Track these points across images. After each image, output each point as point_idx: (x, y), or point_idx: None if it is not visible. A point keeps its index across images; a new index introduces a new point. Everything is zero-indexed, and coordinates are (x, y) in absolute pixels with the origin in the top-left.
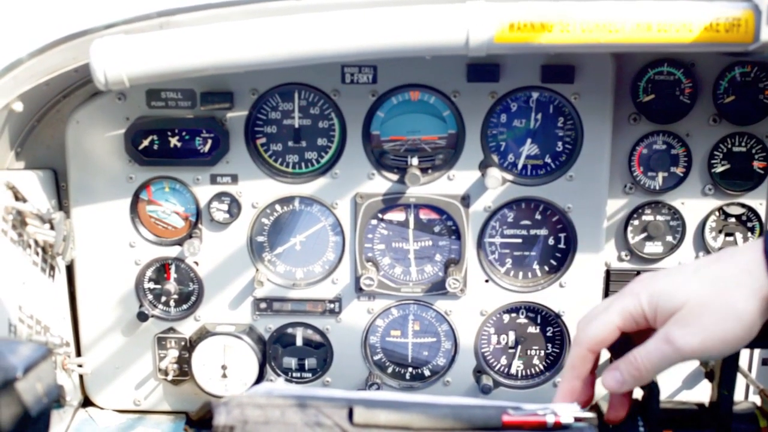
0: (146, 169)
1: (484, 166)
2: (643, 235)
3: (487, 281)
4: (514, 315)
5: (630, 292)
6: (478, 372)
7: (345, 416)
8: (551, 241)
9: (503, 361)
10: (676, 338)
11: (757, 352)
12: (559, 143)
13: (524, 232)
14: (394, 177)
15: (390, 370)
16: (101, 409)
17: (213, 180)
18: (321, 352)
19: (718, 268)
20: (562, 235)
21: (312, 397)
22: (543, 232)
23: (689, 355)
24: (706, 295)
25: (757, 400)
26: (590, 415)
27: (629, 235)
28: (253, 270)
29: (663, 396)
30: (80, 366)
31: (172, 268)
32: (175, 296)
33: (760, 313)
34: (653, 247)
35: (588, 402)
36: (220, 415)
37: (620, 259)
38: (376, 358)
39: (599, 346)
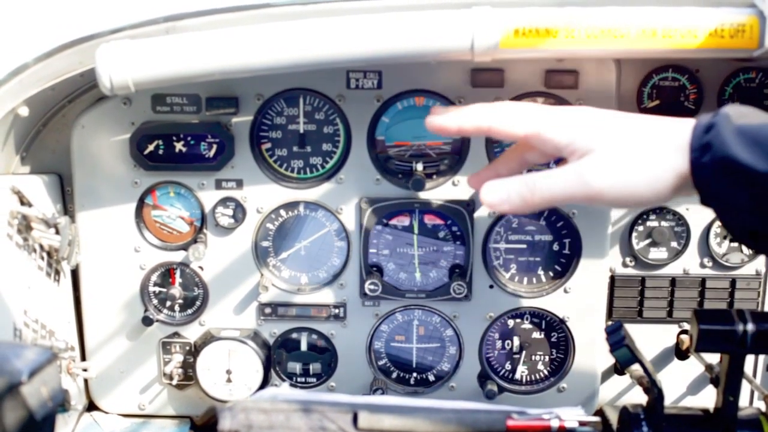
0: (151, 174)
1: None
2: (647, 241)
3: (491, 287)
4: (518, 320)
5: (558, 116)
6: (483, 377)
7: (350, 421)
8: (556, 247)
9: (508, 366)
10: (588, 174)
11: (762, 357)
12: None
13: (529, 238)
14: (399, 182)
15: (394, 375)
16: (106, 413)
17: (218, 185)
18: (326, 357)
19: (651, 134)
20: (566, 241)
21: (316, 402)
22: (547, 237)
23: (593, 196)
24: (631, 150)
25: (761, 405)
26: (595, 419)
27: (634, 241)
28: (257, 275)
29: (667, 401)
30: (85, 370)
31: (177, 272)
32: (180, 301)
33: (672, 188)
34: (658, 253)
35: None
36: (225, 420)
37: (625, 265)
38: (380, 363)
39: (495, 132)
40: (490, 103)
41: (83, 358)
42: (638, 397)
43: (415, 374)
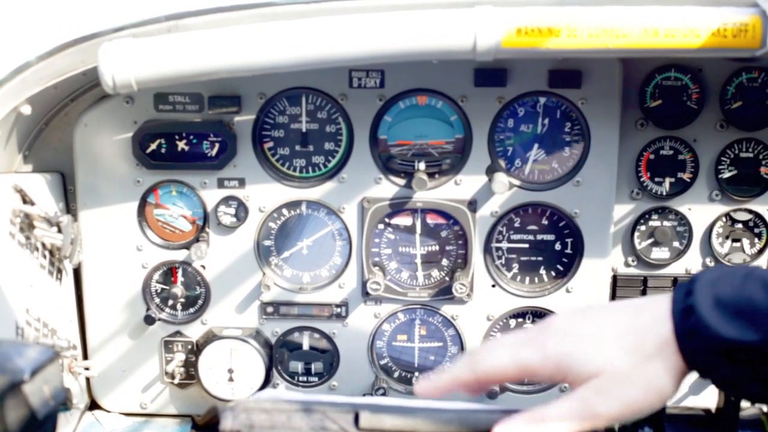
0: (154, 173)
1: (491, 171)
2: (649, 241)
3: (493, 286)
4: (520, 320)
5: (538, 347)
6: None
7: (351, 421)
8: (558, 247)
9: None
10: (596, 405)
11: None
12: (566, 148)
13: (531, 237)
14: (401, 181)
15: (396, 374)
16: (108, 412)
17: (220, 184)
18: (327, 357)
19: (636, 338)
20: (568, 241)
21: (318, 402)
22: (550, 237)
23: (606, 421)
24: (625, 367)
25: (763, 406)
26: None
27: (636, 241)
28: (260, 274)
29: (669, 402)
30: (87, 369)
31: (179, 271)
32: (182, 300)
33: (675, 386)
34: (660, 253)
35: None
36: (227, 420)
37: (627, 265)
38: (382, 362)
39: (485, 381)
40: (468, 356)
41: (85, 356)
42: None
43: (416, 374)
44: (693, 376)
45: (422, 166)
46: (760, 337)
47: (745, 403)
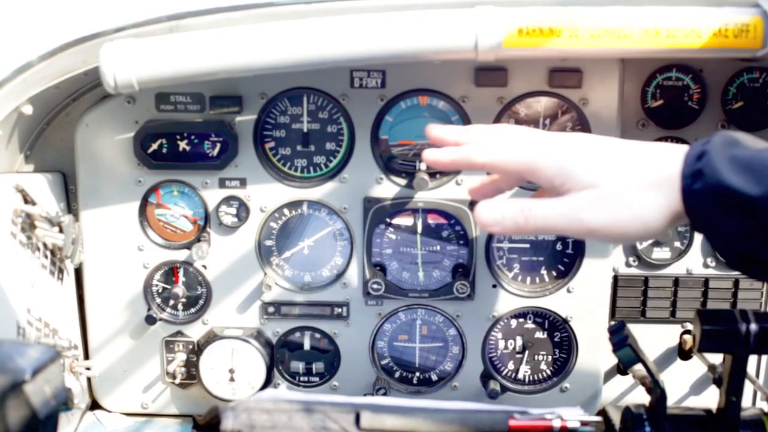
0: (155, 173)
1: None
2: (651, 241)
3: (494, 286)
4: (521, 320)
5: (549, 148)
6: (486, 377)
7: (352, 421)
8: (559, 247)
9: (510, 366)
10: (583, 210)
11: (765, 357)
12: None
13: (532, 237)
14: (403, 182)
15: (397, 374)
16: (109, 412)
17: (221, 184)
18: (328, 357)
19: (642, 168)
20: (569, 241)
21: (319, 402)
22: (551, 237)
23: (585, 233)
24: (622, 187)
25: (764, 406)
26: (597, 419)
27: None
28: (261, 274)
29: (670, 402)
30: (88, 369)
31: (181, 271)
32: (183, 300)
33: (665, 225)
34: (661, 253)
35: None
36: (228, 420)
37: (628, 265)
38: (383, 362)
39: (491, 167)
40: (488, 128)
41: (86, 356)
42: (641, 397)
43: (417, 374)
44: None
45: (423, 166)
46: (762, 191)
47: (745, 404)
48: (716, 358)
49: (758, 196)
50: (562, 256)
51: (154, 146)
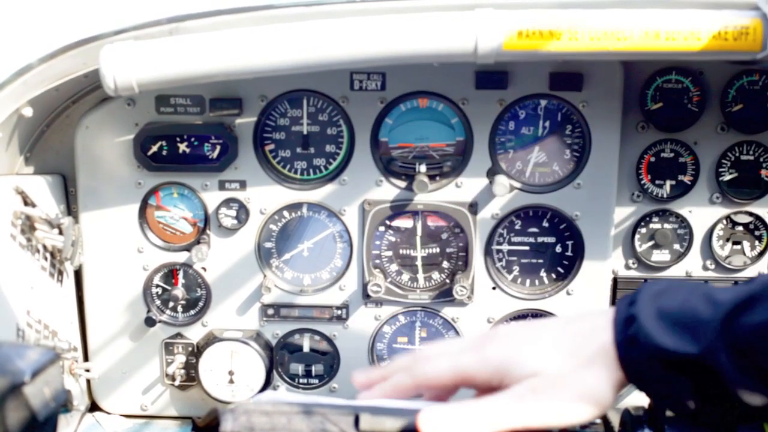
0: (155, 175)
1: (491, 174)
2: (650, 243)
3: (494, 288)
4: (521, 322)
5: (478, 351)
6: None
7: (351, 423)
8: (558, 249)
9: None
10: (528, 403)
11: None
12: (567, 151)
13: (532, 240)
14: (402, 184)
15: None
16: (108, 413)
17: (221, 186)
18: (328, 359)
19: (575, 346)
20: (569, 243)
21: (318, 404)
22: (550, 239)
23: (536, 423)
24: (562, 369)
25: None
26: (596, 420)
27: (636, 243)
28: (260, 276)
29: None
30: (87, 371)
31: (180, 273)
32: (183, 302)
33: (612, 395)
34: (660, 255)
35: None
36: (227, 422)
37: (627, 267)
38: (383, 364)
39: (424, 388)
40: (411, 353)
41: (86, 358)
42: (640, 399)
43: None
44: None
45: (423, 168)
46: (700, 349)
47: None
48: None
49: (696, 353)
50: (562, 258)
51: (154, 148)
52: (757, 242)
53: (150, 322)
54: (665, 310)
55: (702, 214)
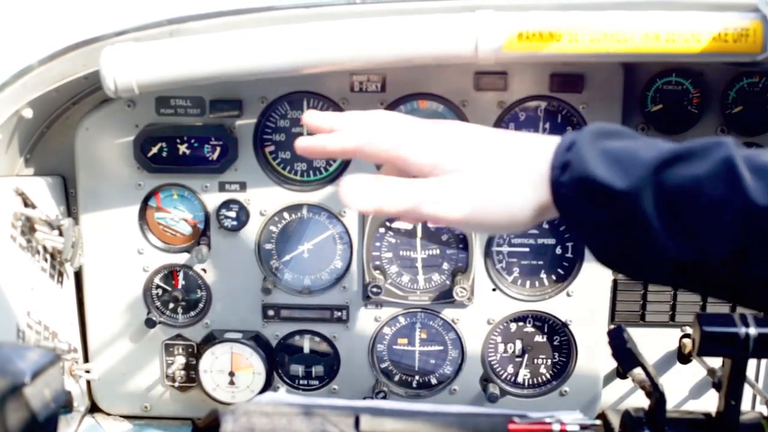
0: (155, 176)
1: None
2: None
3: (494, 290)
4: (521, 324)
5: (418, 138)
6: (485, 380)
7: (351, 424)
8: (559, 251)
9: (510, 369)
10: (446, 194)
11: (764, 361)
12: None
13: (532, 242)
14: None
15: (397, 378)
16: (108, 415)
17: (221, 187)
18: (328, 360)
19: (512, 157)
20: (569, 245)
21: (318, 405)
22: (550, 241)
23: (448, 216)
24: (490, 171)
25: (763, 410)
26: (597, 422)
27: None
28: (260, 277)
29: (669, 405)
30: (88, 372)
31: (180, 274)
32: (183, 303)
33: (532, 216)
34: None
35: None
36: (227, 423)
37: None
38: (383, 366)
39: (360, 155)
40: (364, 114)
41: (86, 359)
42: (640, 401)
43: (417, 377)
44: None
45: None
46: (629, 185)
47: (744, 407)
48: (716, 362)
49: (623, 189)
50: (562, 259)
51: (154, 150)
52: None
53: (150, 323)
54: (607, 145)
55: None
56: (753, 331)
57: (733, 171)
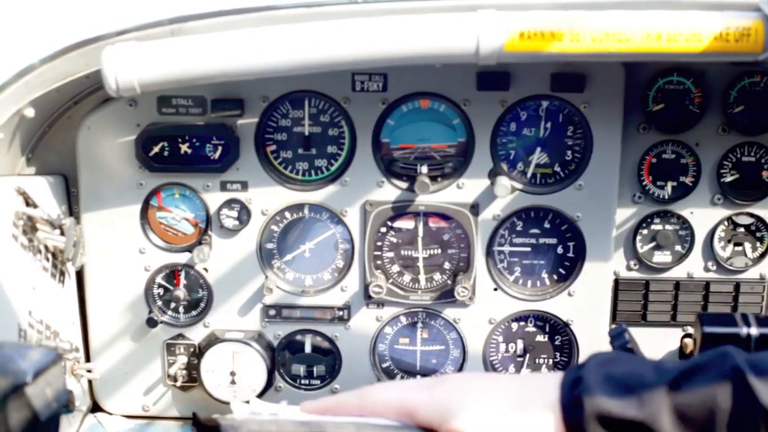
0: (156, 176)
1: (493, 175)
2: (651, 245)
3: (495, 290)
4: (522, 323)
5: (427, 390)
6: None
7: None
8: (560, 250)
9: (511, 369)
10: None
11: None
12: (569, 152)
13: (533, 241)
14: (404, 185)
15: (398, 377)
16: (110, 414)
17: (223, 187)
18: (329, 360)
19: (521, 405)
20: (570, 244)
21: (321, 422)
22: (552, 240)
23: None
24: (506, 423)
25: None
26: None
27: (638, 245)
28: (262, 277)
29: None
30: (89, 371)
31: (182, 274)
32: (185, 302)
33: None
34: (662, 257)
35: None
36: None
37: (629, 269)
38: (384, 365)
39: (369, 412)
40: (362, 388)
41: (87, 359)
42: None
43: (419, 377)
44: None
45: (425, 169)
46: (644, 412)
47: None
48: None
49: (640, 417)
50: (564, 259)
51: (156, 149)
52: (758, 243)
53: (151, 322)
54: (612, 374)
55: (703, 215)
56: (754, 330)
57: (744, 381)
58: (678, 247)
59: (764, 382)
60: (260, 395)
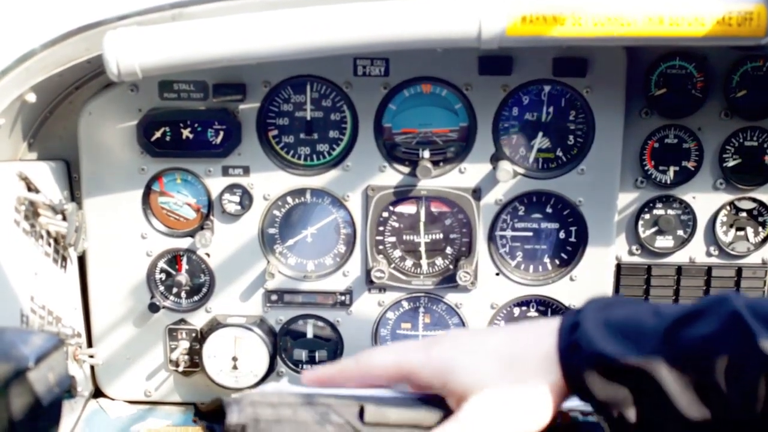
0: (158, 161)
1: (495, 159)
2: (653, 229)
3: (497, 274)
4: (524, 308)
5: (423, 351)
6: None
7: (356, 414)
8: (562, 235)
9: None
10: (472, 427)
11: None
12: (571, 137)
13: (535, 226)
14: (406, 170)
15: None
16: (112, 399)
17: (225, 172)
18: (331, 345)
19: (519, 352)
20: (573, 229)
21: (323, 394)
22: (554, 225)
23: None
24: (503, 383)
25: None
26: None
27: (640, 229)
28: (264, 262)
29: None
30: (91, 357)
31: (184, 259)
32: (187, 288)
33: (553, 407)
34: (664, 241)
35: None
36: (233, 414)
37: (631, 253)
38: None
39: (368, 376)
40: (359, 353)
41: (90, 344)
42: None
43: None
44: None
45: (427, 154)
46: (641, 357)
47: None
48: None
49: (637, 362)
50: (565, 244)
51: (158, 134)
52: (760, 228)
53: (153, 308)
54: (610, 319)
55: (705, 200)
56: None
57: (743, 326)
58: (680, 232)
59: (764, 327)
60: (262, 380)
